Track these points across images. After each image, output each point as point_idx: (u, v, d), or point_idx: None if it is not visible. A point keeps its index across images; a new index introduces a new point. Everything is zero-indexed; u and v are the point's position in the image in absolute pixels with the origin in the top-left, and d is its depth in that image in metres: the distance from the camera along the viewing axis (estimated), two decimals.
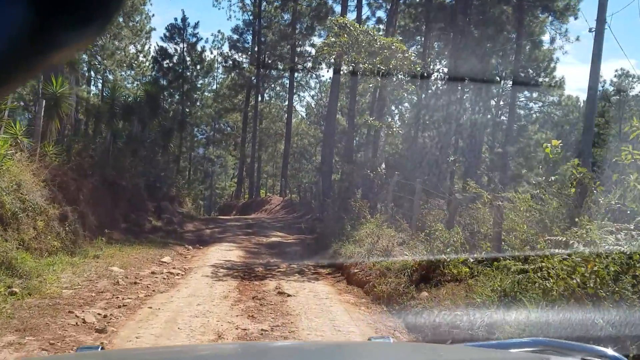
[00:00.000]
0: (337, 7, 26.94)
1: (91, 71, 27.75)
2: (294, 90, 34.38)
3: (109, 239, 11.49)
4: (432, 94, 17.03)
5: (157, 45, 25.61)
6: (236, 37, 36.27)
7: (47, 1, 0.42)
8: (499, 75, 23.78)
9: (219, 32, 44.73)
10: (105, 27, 0.46)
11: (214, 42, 49.37)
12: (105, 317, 5.33)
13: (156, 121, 20.60)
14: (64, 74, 12.59)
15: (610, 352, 1.28)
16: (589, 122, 11.71)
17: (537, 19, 23.26)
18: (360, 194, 10.68)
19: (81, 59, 20.91)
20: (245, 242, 13.08)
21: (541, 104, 33.25)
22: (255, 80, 35.38)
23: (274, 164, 41.47)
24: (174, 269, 8.66)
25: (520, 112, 29.96)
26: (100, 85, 27.97)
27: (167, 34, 25.60)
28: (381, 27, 24.98)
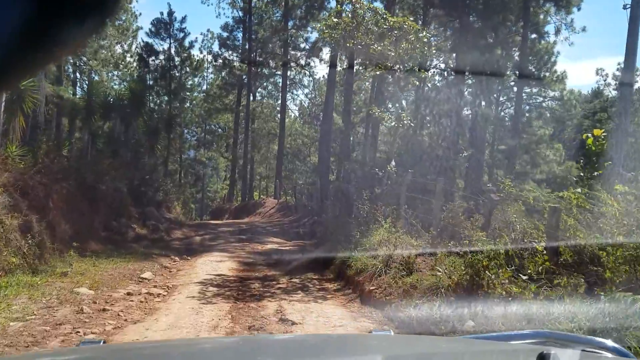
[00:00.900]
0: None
1: (77, 72, 26.40)
2: (287, 88, 33.09)
3: (85, 250, 10.18)
4: (433, 87, 15.83)
5: (143, 41, 24.18)
6: (226, 35, 35.02)
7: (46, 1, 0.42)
8: (502, 67, 22.62)
9: (209, 31, 43.20)
10: (102, 25, 0.46)
11: (203, 41, 47.85)
12: None
13: (141, 121, 19.29)
14: None
15: (610, 343, 1.29)
16: (624, 124, 10.48)
17: (541, 9, 22.17)
18: (368, 195, 9.43)
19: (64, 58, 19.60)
20: (238, 250, 11.78)
21: (541, 99, 32.25)
22: (246, 79, 34.13)
23: (267, 165, 40.15)
24: (155, 287, 7.36)
25: (524, 107, 28.87)
26: (86, 87, 26.61)
27: (153, 29, 24.24)
28: None
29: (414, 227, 8.11)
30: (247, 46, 32.72)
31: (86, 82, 25.98)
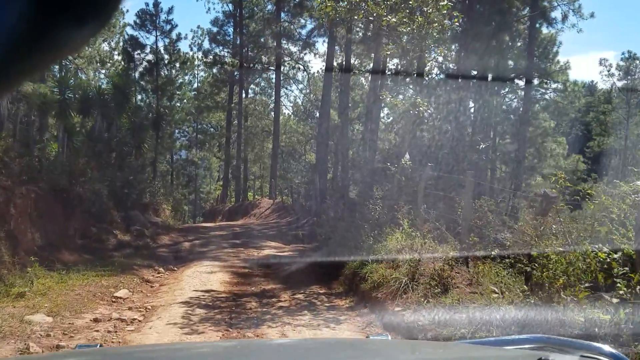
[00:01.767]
0: None
1: (63, 71, 25.02)
2: (281, 84, 31.78)
3: (55, 263, 8.87)
4: (438, 76, 14.61)
5: (127, 34, 22.80)
6: (216, 30, 33.76)
7: (45, 0, 0.42)
8: (509, 56, 21.44)
9: (199, 27, 41.74)
10: (103, 25, 0.46)
11: (193, 38, 46.36)
12: None
13: (126, 118, 17.94)
14: None
15: (607, 348, 1.29)
16: None
17: None
18: (381, 194, 8.15)
19: None
20: (231, 257, 10.50)
21: (543, 91, 31.14)
22: (238, 75, 32.85)
23: (261, 165, 38.82)
24: (130, 309, 6.08)
25: (532, 97, 27.68)
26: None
27: (138, 21, 22.82)
28: None
29: (437, 230, 6.87)
30: (239, 41, 31.42)
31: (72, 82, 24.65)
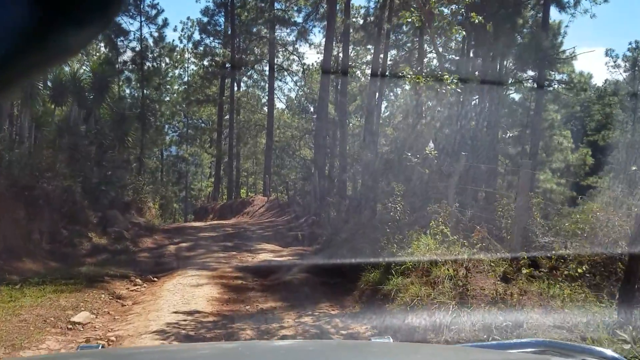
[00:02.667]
0: None
1: None
2: (275, 75, 30.32)
3: (12, 273, 7.45)
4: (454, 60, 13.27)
5: None
6: (206, 20, 32.33)
7: (48, 2, 0.41)
8: (517, 43, 20.11)
9: (188, 19, 40.03)
10: (105, 27, 0.45)
11: (183, 30, 44.70)
12: None
13: (107, 108, 16.44)
14: None
15: (609, 352, 1.26)
16: None
17: None
18: (401, 189, 6.73)
19: None
20: (222, 264, 9.08)
21: (547, 82, 29.89)
22: (229, 67, 31.37)
23: (254, 160, 37.36)
24: (88, 341, 4.65)
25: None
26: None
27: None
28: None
29: (479, 234, 5.49)
30: (230, 30, 29.93)
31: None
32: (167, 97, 32.67)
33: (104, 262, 9.23)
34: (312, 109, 35.94)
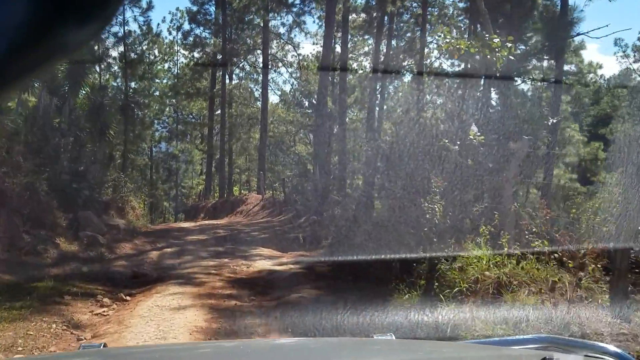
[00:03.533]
0: None
1: None
2: (269, 65, 28.77)
3: None
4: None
5: None
6: (196, 9, 30.78)
7: (47, 1, 0.41)
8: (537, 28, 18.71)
9: (177, 9, 38.25)
10: (105, 25, 0.45)
11: (172, 21, 42.95)
12: None
13: (84, 98, 14.87)
14: None
15: (612, 348, 1.27)
16: None
17: None
18: (441, 184, 5.23)
19: None
20: (211, 275, 7.56)
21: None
22: (221, 58, 29.82)
23: (247, 156, 35.78)
24: None
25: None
26: None
27: None
28: None
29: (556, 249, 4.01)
30: (221, 18, 28.34)
31: None
32: (156, 91, 31.12)
33: (70, 274, 7.69)
34: (307, 103, 34.46)
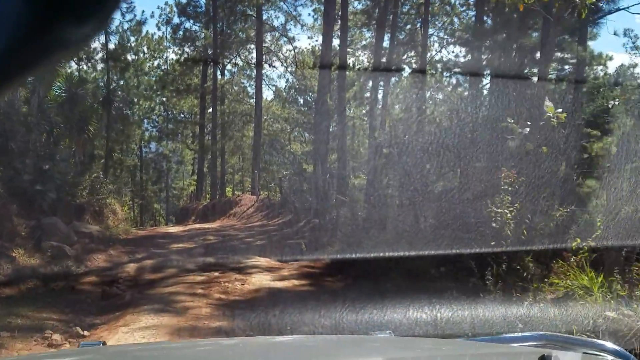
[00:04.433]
0: None
1: None
2: (264, 59, 27.31)
3: None
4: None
5: None
6: (185, 1, 29.36)
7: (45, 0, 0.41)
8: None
9: (166, 3, 36.67)
10: (103, 24, 0.45)
11: (161, 15, 41.34)
12: None
13: (60, 89, 13.35)
14: None
15: (610, 345, 1.27)
16: None
17: None
18: (511, 179, 3.80)
19: None
20: (197, 298, 6.09)
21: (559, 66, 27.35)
22: (212, 52, 28.35)
23: (241, 155, 34.25)
24: None
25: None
26: None
27: None
28: None
29: None
30: (212, 10, 26.89)
31: None
32: (143, 87, 29.63)
33: (21, 297, 6.21)
34: (302, 101, 33.03)
